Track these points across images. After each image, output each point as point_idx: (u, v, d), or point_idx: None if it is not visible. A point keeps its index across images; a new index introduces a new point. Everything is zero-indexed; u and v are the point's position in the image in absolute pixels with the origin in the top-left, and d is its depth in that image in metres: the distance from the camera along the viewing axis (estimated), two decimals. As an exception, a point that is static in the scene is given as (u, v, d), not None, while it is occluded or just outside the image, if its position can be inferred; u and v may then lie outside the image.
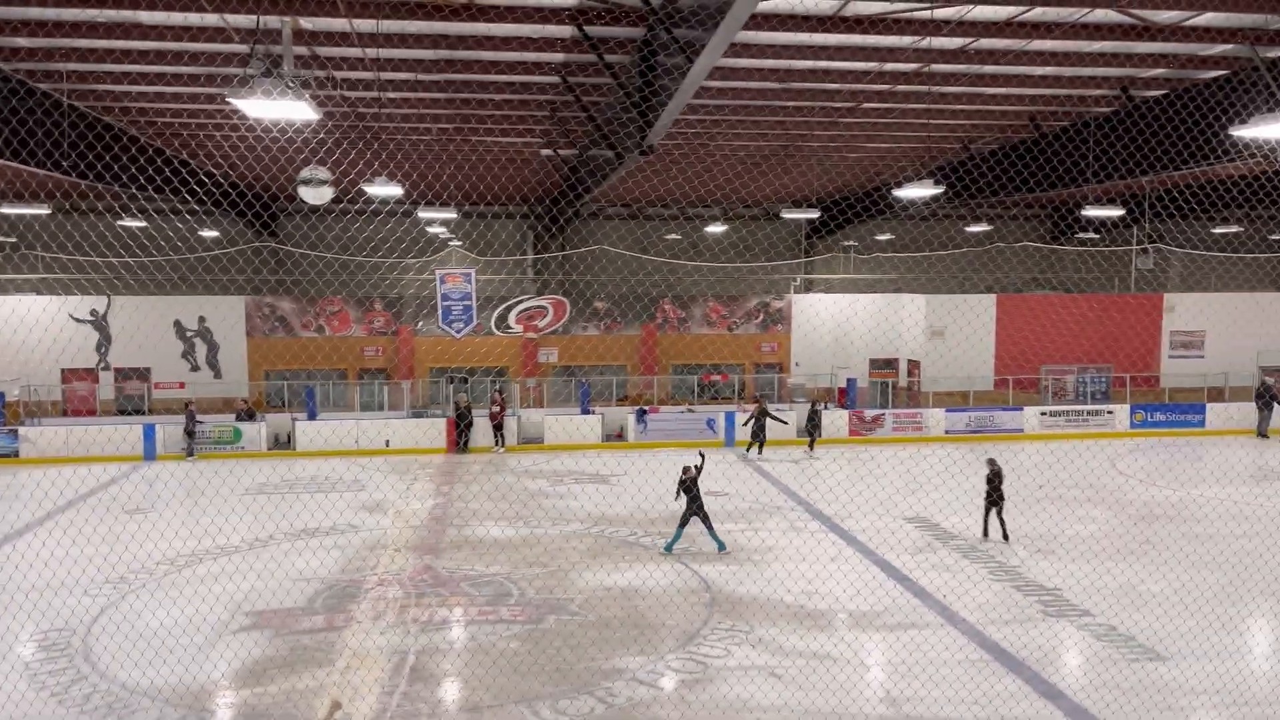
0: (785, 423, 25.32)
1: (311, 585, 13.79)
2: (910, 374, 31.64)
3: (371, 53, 13.79)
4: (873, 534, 16.38)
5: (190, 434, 24.34)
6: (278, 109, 10.23)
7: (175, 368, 30.67)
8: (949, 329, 29.90)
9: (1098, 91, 16.51)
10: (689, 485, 15.18)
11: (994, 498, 16.00)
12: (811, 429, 25.15)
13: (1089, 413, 28.31)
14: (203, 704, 9.89)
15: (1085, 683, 10.37)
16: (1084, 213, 27.12)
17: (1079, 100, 17.32)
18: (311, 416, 26.27)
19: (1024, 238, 36.29)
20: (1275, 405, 27.69)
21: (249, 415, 26.33)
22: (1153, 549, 15.63)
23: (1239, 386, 29.85)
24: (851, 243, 36.09)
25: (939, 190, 19.51)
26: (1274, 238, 35.36)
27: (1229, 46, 13.72)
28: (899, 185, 17.53)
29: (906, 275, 35.41)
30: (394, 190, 16.68)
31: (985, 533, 16.23)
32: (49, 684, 10.36)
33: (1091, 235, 35.27)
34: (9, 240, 31.18)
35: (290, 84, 9.54)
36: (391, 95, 16.56)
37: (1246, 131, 8.97)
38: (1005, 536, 15.93)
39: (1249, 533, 16.54)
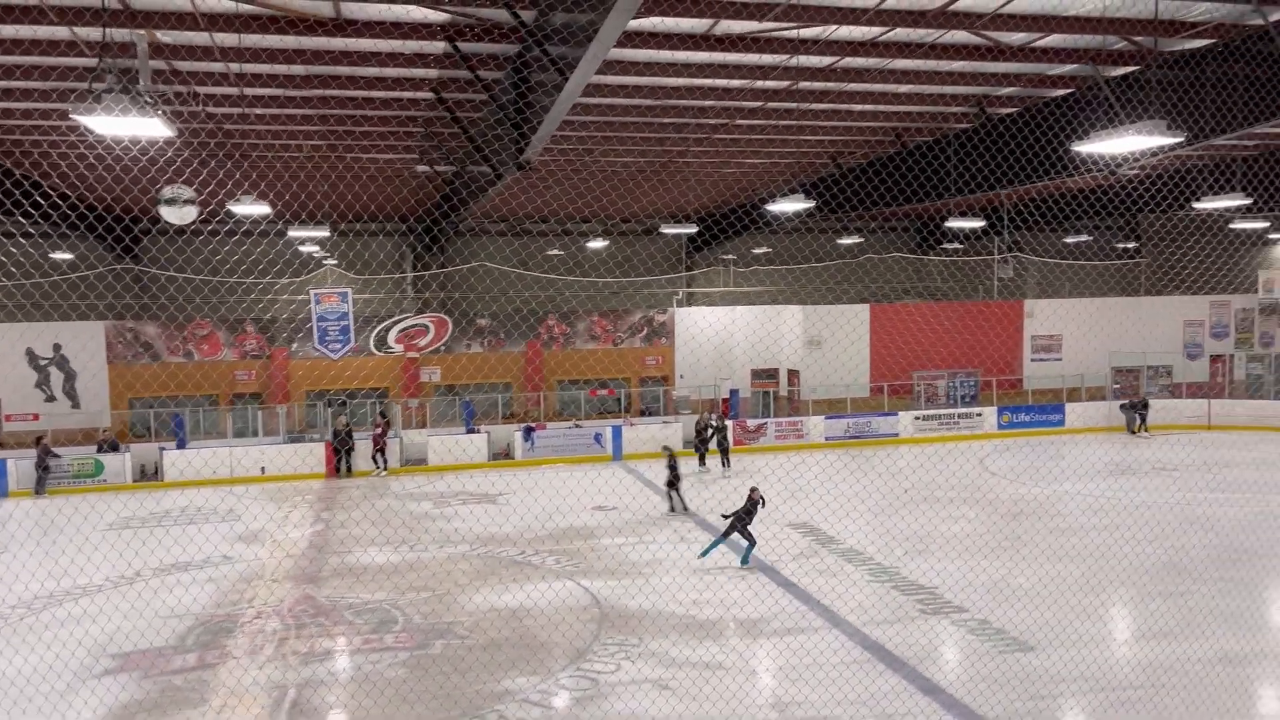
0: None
1: (183, 622, 13.15)
2: (790, 383, 32.37)
3: (235, 68, 13.35)
4: (758, 542, 16.64)
5: (42, 469, 22.89)
6: (127, 126, 9.70)
7: (28, 398, 28.85)
8: (826, 338, 30.75)
9: (956, 109, 17.30)
10: (751, 509, 15.52)
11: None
12: (717, 446, 24.25)
13: (959, 415, 29.52)
14: (63, 755, 9.30)
15: (961, 676, 10.77)
16: (948, 224, 28.36)
17: (939, 117, 18.11)
18: (180, 445, 25.10)
19: (893, 249, 37.66)
20: (1143, 407, 28.89)
21: (112, 446, 24.95)
22: (1020, 544, 16.38)
23: (1094, 386, 31.67)
24: (730, 256, 36.76)
25: (810, 204, 20.08)
26: (1120, 246, 37.68)
27: (1074, 66, 14.58)
28: (772, 200, 17.97)
29: (784, 287, 36.28)
30: (262, 209, 16.14)
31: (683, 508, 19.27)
32: (-113, 745, 9.58)
33: (956, 246, 36.89)
34: None
35: (144, 99, 9.09)
36: (258, 112, 16.06)
37: (1087, 146, 9.55)
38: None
39: (1107, 525, 17.50)
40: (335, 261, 31.77)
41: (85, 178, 20.65)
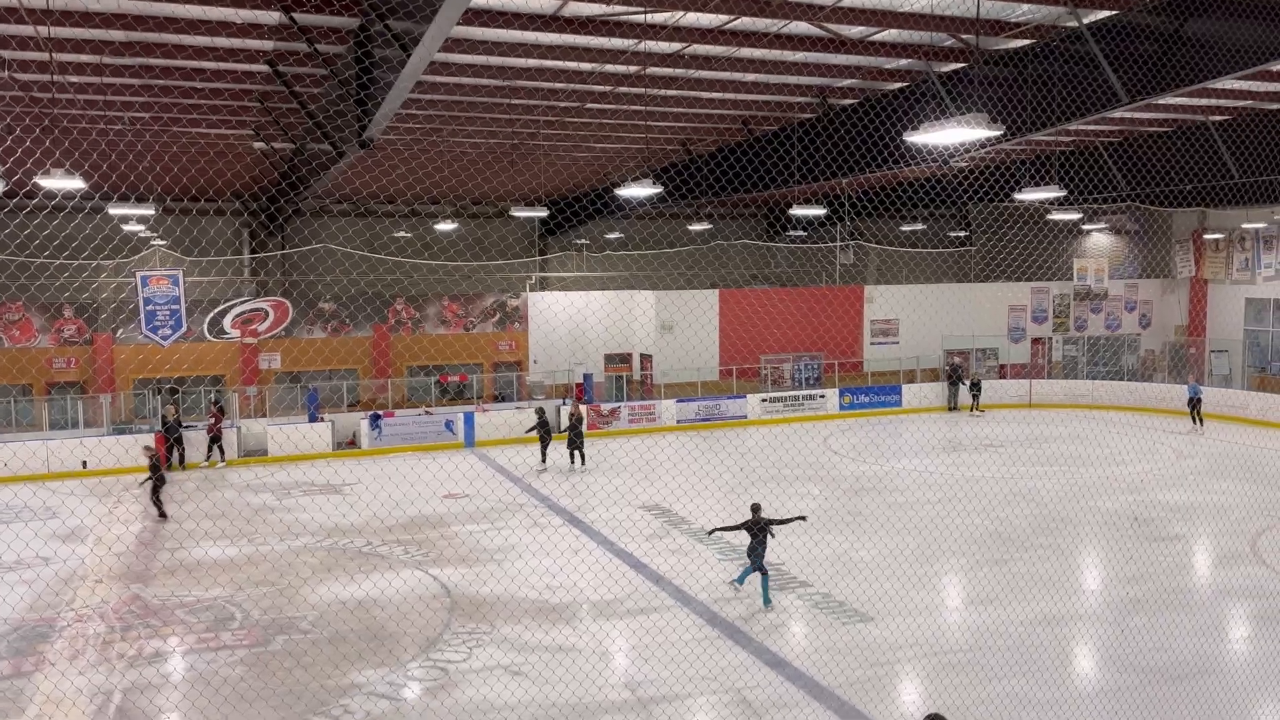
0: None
1: (-8, 630, 12.17)
2: (643, 367, 32.69)
3: (43, 31, 12.32)
4: (611, 524, 16.77)
5: None
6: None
7: None
8: (677, 323, 31.18)
9: (800, 99, 17.77)
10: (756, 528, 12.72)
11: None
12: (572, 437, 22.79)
13: (804, 397, 30.53)
14: None
15: (806, 648, 11.16)
16: (793, 212, 29.19)
17: (784, 106, 18.56)
18: (-11, 439, 23.17)
19: (742, 235, 38.49)
20: (963, 383, 31.28)
21: (-92, 442, 22.80)
22: (861, 519, 17.10)
23: (928, 368, 33.35)
24: (583, 241, 36.74)
25: (659, 190, 20.23)
26: (951, 234, 39.73)
27: (908, 61, 15.23)
28: (623, 184, 18.03)
29: (636, 272, 36.54)
30: (75, 183, 14.92)
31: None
32: None
33: (800, 233, 38.05)
34: None
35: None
36: (72, 79, 14.89)
37: (917, 137, 9.99)
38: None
39: (940, 499, 18.49)
40: (164, 242, 29.90)
41: None
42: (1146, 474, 20.43)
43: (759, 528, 12.60)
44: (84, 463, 22.97)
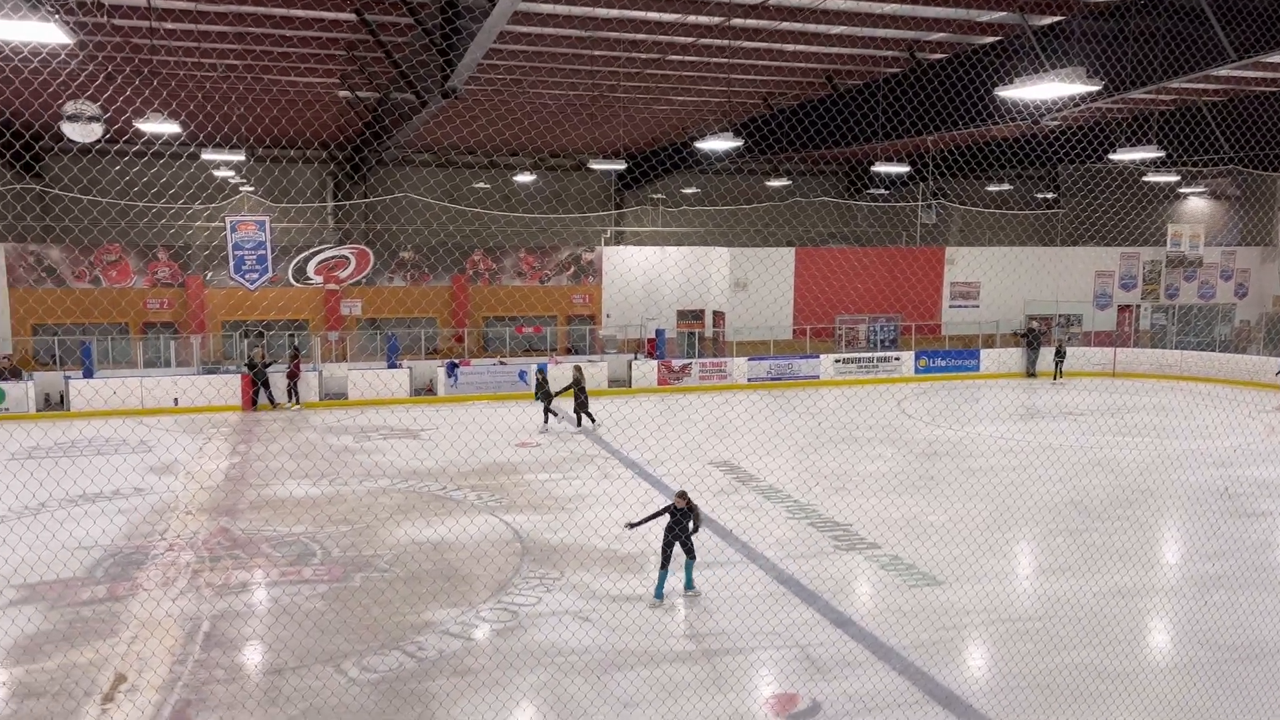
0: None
1: (92, 553, 12.85)
2: (715, 324, 32.60)
3: (144, -23, 12.65)
4: (681, 479, 16.83)
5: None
6: (21, 30, 9.13)
7: (-78, 324, 27.50)
8: (751, 281, 30.96)
9: (888, 52, 17.34)
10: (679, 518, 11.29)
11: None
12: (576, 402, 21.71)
13: (879, 359, 30.15)
14: (-35, 688, 9.07)
15: (872, 609, 11.15)
16: (875, 169, 28.60)
17: (871, 60, 18.14)
18: (88, 374, 24.26)
19: (821, 193, 37.91)
20: (1041, 347, 30.55)
21: (13, 374, 24.01)
22: (934, 484, 16.92)
23: (1008, 333, 32.60)
24: (659, 195, 36.58)
25: (739, 143, 20.02)
26: (1039, 196, 38.53)
27: (1003, 14, 14.71)
28: (703, 138, 17.86)
29: (712, 228, 36.30)
30: (171, 128, 15.41)
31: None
32: None
33: (882, 191, 37.28)
34: None
35: (36, 3, 8.55)
36: (168, 26, 15.27)
37: (1010, 92, 9.69)
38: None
39: (1016, 465, 18.17)
40: (252, 188, 30.68)
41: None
42: (1235, 448, 19.74)
43: (681, 515, 11.05)
44: (175, 400, 23.92)
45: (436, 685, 9.11)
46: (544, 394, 21.80)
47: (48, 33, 9.23)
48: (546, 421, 21.74)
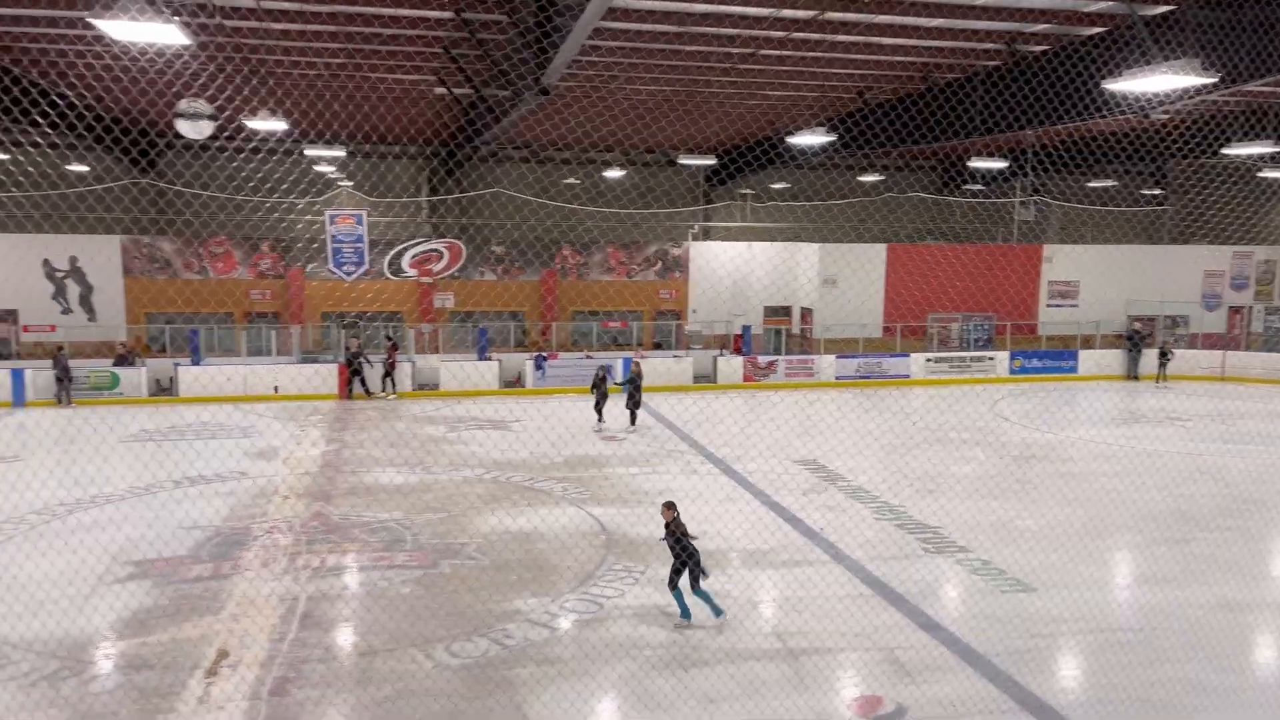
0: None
1: (197, 533, 13.42)
2: (803, 321, 32.30)
3: (254, -21, 13.12)
4: (765, 476, 16.80)
5: (61, 380, 23.18)
6: (145, 32, 9.62)
7: (46, 310, 29.07)
8: (841, 277, 30.57)
9: (987, 45, 16.91)
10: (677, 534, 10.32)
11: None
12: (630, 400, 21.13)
13: (972, 359, 29.46)
14: (82, 655, 9.57)
15: (962, 614, 10.92)
16: (971, 164, 27.93)
17: (969, 53, 17.71)
18: (196, 361, 25.32)
19: (914, 188, 37.18)
20: (1144, 348, 29.45)
21: (128, 360, 25.21)
22: (1028, 488, 16.47)
23: (1109, 334, 31.50)
24: (748, 191, 36.36)
25: (831, 139, 19.78)
26: (1144, 192, 37.08)
27: (1109, 4, 14.20)
28: (794, 133, 17.68)
29: (801, 224, 35.95)
30: (279, 125, 15.99)
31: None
32: (-88, 640, 9.87)
33: (978, 187, 36.38)
34: None
35: (160, 5, 9.01)
36: (276, 26, 15.81)
37: (1119, 85, 9.34)
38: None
39: (1115, 472, 17.56)
40: (351, 183, 31.56)
41: (102, 87, 20.46)
42: (1355, 460, 18.73)
43: (674, 538, 10.16)
44: (275, 387, 24.78)
45: (523, 673, 9.26)
46: (601, 392, 21.16)
47: (169, 34, 9.69)
48: (601, 419, 21.27)
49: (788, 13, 14.78)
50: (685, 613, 10.42)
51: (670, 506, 10.37)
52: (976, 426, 21.91)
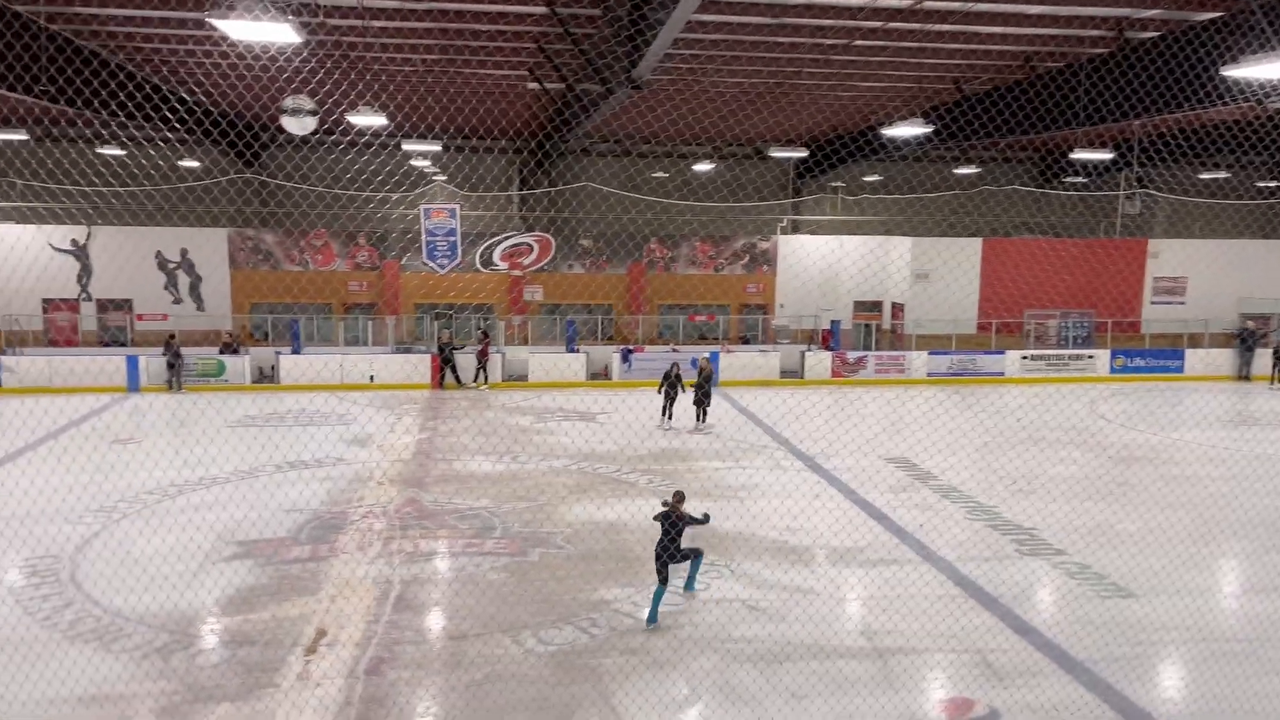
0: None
1: (298, 516, 13.89)
2: (894, 316, 31.73)
3: (356, -22, 13.48)
4: (854, 473, 16.59)
5: (173, 366, 24.25)
6: (260, 31, 10.05)
7: (158, 299, 30.44)
8: (934, 272, 29.94)
9: (1093, 32, 16.33)
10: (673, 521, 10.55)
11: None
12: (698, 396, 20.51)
13: (1070, 357, 28.55)
14: (190, 629, 10.02)
15: (1057, 618, 10.63)
16: (1073, 156, 27.03)
17: (1074, 40, 17.14)
18: (296, 350, 26.19)
19: (1012, 181, 36.15)
20: (1257, 348, 28.12)
21: (233, 348, 26.23)
22: (1129, 490, 15.91)
23: (1218, 333, 30.16)
24: (839, 183, 35.88)
25: (928, 130, 19.37)
26: (1261, 184, 35.35)
27: (1226, -12, 13.60)
28: (889, 124, 17.36)
29: (893, 217, 35.32)
30: (379, 120, 16.42)
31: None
32: (37, 609, 10.46)
33: (1080, 179, 35.17)
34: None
35: (275, 5, 9.38)
36: (378, 24, 16.22)
37: (1237, 71, 8.92)
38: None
39: (1223, 475, 16.84)
40: (445, 178, 32.20)
41: (218, 86, 21.28)
42: None
43: (670, 522, 10.38)
44: (371, 376, 25.47)
45: (609, 662, 9.35)
46: (671, 389, 20.24)
47: (283, 33, 10.10)
48: (670, 417, 20.40)
49: (884, 2, 14.53)
50: (689, 584, 11.00)
51: (680, 498, 10.69)
52: (1074, 426, 21.24)
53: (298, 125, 12.75)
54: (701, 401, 20.29)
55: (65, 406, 21.54)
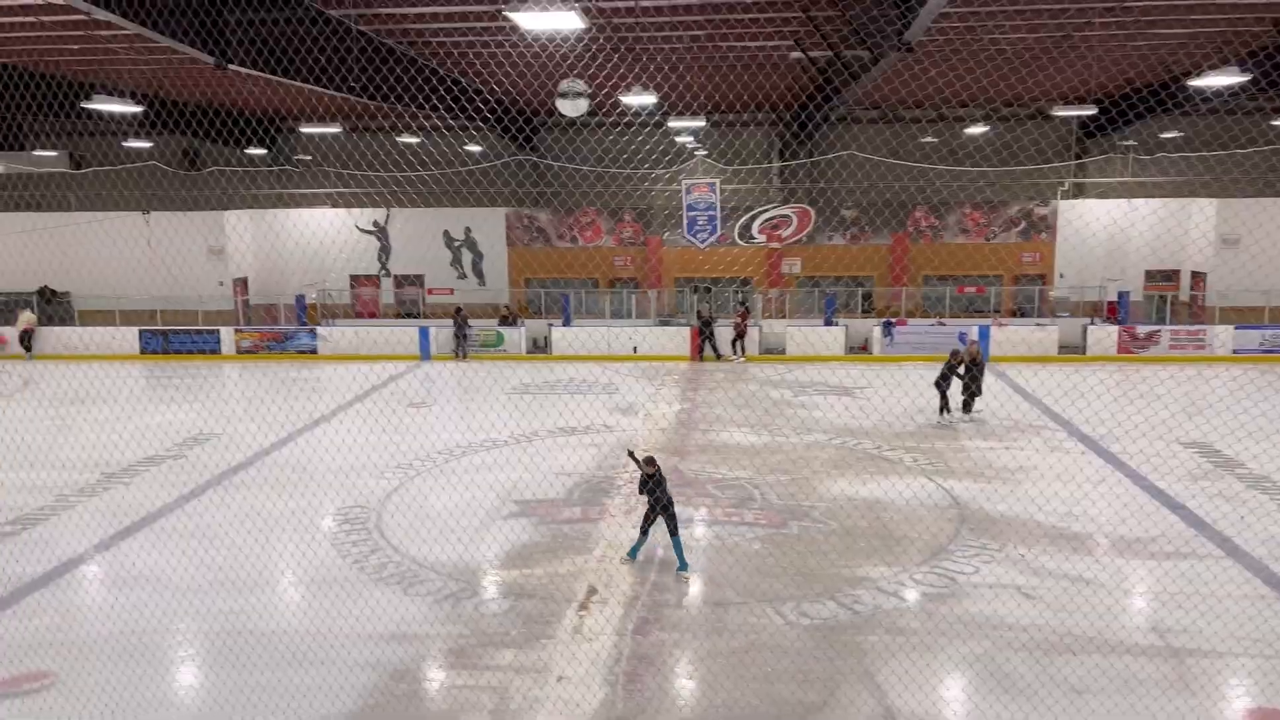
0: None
1: (570, 479, 14.70)
2: (1194, 287, 28.72)
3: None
4: (1143, 458, 15.26)
5: (460, 337, 26.35)
6: (550, 20, 10.72)
7: (445, 275, 33.09)
8: (1244, 237, 26.77)
9: None
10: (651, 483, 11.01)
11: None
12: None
13: None
14: (476, 579, 10.90)
15: (1396, 631, 9.31)
16: None
17: None
18: (566, 323, 27.60)
19: (1346, 131, 31.49)
20: None
21: (510, 320, 28.08)
22: None
23: None
24: (1130, 142, 32.76)
25: (1244, 79, 17.28)
26: None
27: None
28: (1194, 75, 15.60)
29: (1195, 177, 31.80)
30: (649, 99, 16.90)
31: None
32: (350, 552, 11.77)
33: None
34: (307, 158, 34.41)
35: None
36: (645, 4, 16.61)
37: None
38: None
39: None
40: (706, 152, 32.56)
41: (506, 76, 22.69)
42: None
43: (655, 483, 10.86)
44: (634, 348, 26.37)
45: (872, 640, 9.22)
46: (945, 380, 18.19)
47: (569, 20, 10.73)
48: (949, 410, 18.32)
49: (1190, -62, 13.07)
50: (683, 565, 10.92)
51: (651, 462, 10.91)
52: None
53: (572, 108, 13.37)
54: (971, 389, 18.30)
55: (369, 373, 23.98)
